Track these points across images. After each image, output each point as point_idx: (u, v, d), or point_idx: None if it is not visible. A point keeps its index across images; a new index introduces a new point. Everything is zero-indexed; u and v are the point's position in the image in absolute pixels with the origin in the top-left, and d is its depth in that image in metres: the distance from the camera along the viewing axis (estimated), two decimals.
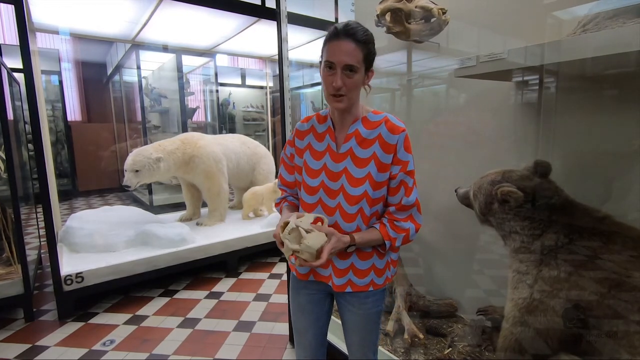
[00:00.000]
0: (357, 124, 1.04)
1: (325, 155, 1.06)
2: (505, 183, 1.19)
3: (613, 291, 1.00)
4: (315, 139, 1.10)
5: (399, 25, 1.59)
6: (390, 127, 1.01)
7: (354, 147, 1.03)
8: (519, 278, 1.19)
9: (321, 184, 1.05)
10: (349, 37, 0.93)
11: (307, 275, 1.14)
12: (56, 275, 2.40)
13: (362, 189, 1.01)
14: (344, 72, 0.94)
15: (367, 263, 1.07)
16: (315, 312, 1.19)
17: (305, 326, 1.21)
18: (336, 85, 0.94)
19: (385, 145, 1.01)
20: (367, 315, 1.11)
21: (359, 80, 0.97)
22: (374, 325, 1.15)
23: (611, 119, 1.25)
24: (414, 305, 1.81)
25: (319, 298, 1.18)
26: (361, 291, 1.08)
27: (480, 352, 1.52)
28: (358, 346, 1.15)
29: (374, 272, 1.08)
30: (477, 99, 1.71)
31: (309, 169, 1.08)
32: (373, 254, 1.07)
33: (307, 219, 1.01)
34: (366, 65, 0.99)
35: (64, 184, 6.65)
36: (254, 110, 7.87)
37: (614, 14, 0.97)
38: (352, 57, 0.93)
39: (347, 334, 1.17)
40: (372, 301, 1.11)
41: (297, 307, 1.21)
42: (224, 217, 3.75)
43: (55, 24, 3.60)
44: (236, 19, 3.49)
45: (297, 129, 1.15)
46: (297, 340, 1.24)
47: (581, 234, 1.09)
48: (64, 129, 6.71)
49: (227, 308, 2.61)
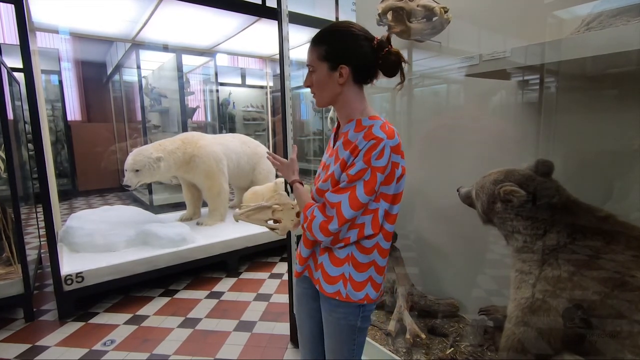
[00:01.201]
0: (350, 125, 1.04)
1: (330, 149, 1.13)
2: (507, 182, 1.19)
3: (616, 291, 1.00)
4: (333, 135, 1.18)
5: (401, 24, 1.58)
6: (367, 134, 0.95)
7: (339, 146, 1.04)
8: (522, 278, 1.18)
9: (318, 175, 1.12)
10: (311, 41, 1.03)
11: (301, 273, 1.18)
12: (56, 275, 2.39)
13: (327, 185, 1.02)
14: (310, 72, 1.04)
15: (337, 270, 1.03)
16: (309, 306, 1.19)
17: (302, 318, 1.23)
18: (305, 85, 1.06)
19: (354, 149, 0.96)
20: (336, 324, 1.08)
21: (320, 79, 1.01)
22: (346, 338, 1.08)
23: (613, 118, 1.24)
24: (415, 305, 1.80)
25: (312, 293, 1.18)
26: (330, 297, 1.06)
27: (482, 352, 1.52)
28: (329, 351, 1.14)
29: (348, 282, 1.03)
30: (479, 98, 1.71)
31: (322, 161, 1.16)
32: (345, 262, 1.02)
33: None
34: (330, 62, 0.98)
35: (64, 183, 6.64)
36: (254, 110, 7.86)
37: (618, 12, 0.96)
38: (308, 58, 1.03)
39: (324, 337, 1.16)
40: (343, 312, 1.06)
41: (295, 299, 1.26)
42: (225, 216, 3.75)
43: (55, 23, 3.60)
44: (236, 18, 3.48)
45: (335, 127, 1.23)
46: (299, 335, 1.27)
47: (584, 234, 1.09)
48: (64, 129, 6.71)
49: (228, 308, 2.61)
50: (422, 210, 1.95)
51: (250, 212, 1.30)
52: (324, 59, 0.99)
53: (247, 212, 1.30)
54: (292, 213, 1.29)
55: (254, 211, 1.30)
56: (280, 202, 1.30)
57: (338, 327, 1.08)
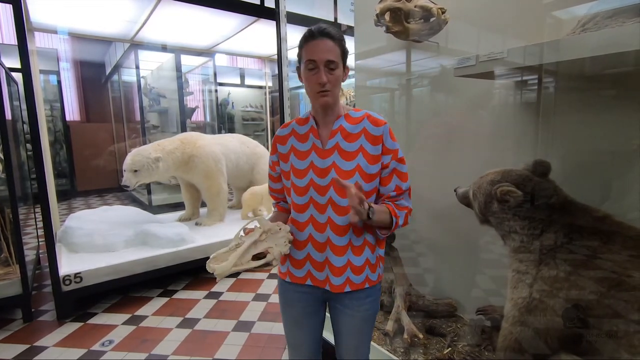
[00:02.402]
0: (341, 120, 1.07)
1: (310, 153, 1.07)
2: (504, 182, 1.19)
3: (613, 291, 1.00)
4: (297, 140, 1.10)
5: (398, 24, 1.59)
6: (372, 120, 1.05)
7: (340, 141, 1.05)
8: (519, 278, 1.19)
9: (310, 182, 1.05)
10: (324, 36, 0.98)
11: (304, 279, 1.10)
12: (54, 275, 2.39)
13: (353, 181, 1.01)
14: (326, 68, 0.99)
15: (362, 258, 1.07)
16: (311, 324, 1.17)
17: (300, 341, 1.18)
18: (322, 81, 0.98)
19: (371, 138, 1.04)
20: (364, 317, 1.10)
21: (340, 75, 1.02)
22: (370, 328, 1.14)
23: (611, 118, 1.24)
24: (413, 305, 1.80)
25: (313, 310, 1.15)
26: (359, 289, 1.08)
27: (480, 351, 1.52)
28: (353, 350, 1.13)
29: (369, 267, 1.09)
30: (476, 98, 1.71)
31: (296, 170, 1.08)
32: (365, 247, 1.07)
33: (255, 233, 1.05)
34: (343, 61, 1.03)
35: (62, 183, 6.63)
36: (253, 110, 7.86)
37: (614, 13, 0.96)
38: (332, 53, 0.99)
39: (342, 338, 1.15)
40: (371, 301, 1.10)
41: (292, 321, 1.17)
42: (223, 217, 3.75)
43: (53, 23, 3.59)
44: (235, 18, 3.48)
45: (277, 135, 1.16)
46: (292, 354, 1.21)
47: (581, 234, 1.09)
48: (63, 129, 6.70)
49: (226, 308, 2.61)
50: (420, 210, 1.95)
51: (232, 260, 0.99)
52: (341, 58, 1.02)
53: (233, 261, 0.99)
54: (281, 235, 1.06)
55: (235, 255, 1.00)
56: (265, 230, 1.05)
57: (365, 319, 1.11)
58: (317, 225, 1.06)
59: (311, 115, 1.10)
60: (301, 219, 1.08)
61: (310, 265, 1.09)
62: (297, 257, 1.10)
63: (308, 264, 1.09)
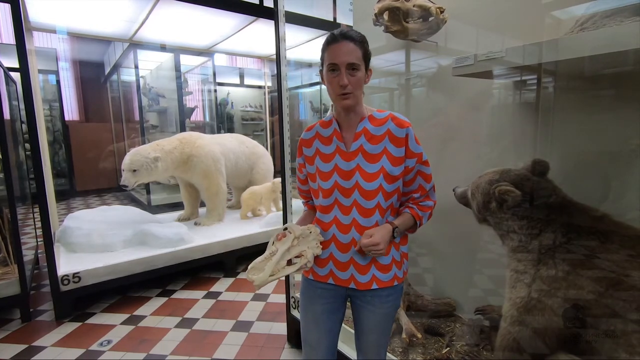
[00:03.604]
0: (365, 122, 1.07)
1: (335, 156, 1.09)
2: (502, 182, 1.19)
3: (611, 290, 1.00)
4: (322, 143, 1.12)
5: (397, 24, 1.59)
6: (397, 122, 1.05)
7: (364, 144, 1.05)
8: (517, 277, 1.19)
9: (335, 185, 1.07)
10: (346, 39, 0.99)
11: (326, 277, 1.11)
12: (53, 275, 2.39)
13: (377, 183, 1.03)
14: (347, 71, 0.99)
15: (388, 258, 1.08)
16: (330, 322, 1.17)
17: (317, 338, 1.17)
18: (343, 84, 0.99)
19: (395, 140, 1.04)
20: (386, 314, 1.11)
21: (362, 77, 1.02)
22: (390, 322, 1.15)
23: (609, 118, 1.25)
24: (412, 305, 1.80)
25: (335, 307, 1.16)
26: (386, 287, 1.09)
27: (479, 351, 1.52)
28: (373, 347, 1.14)
29: (395, 265, 1.10)
30: (475, 98, 1.71)
31: (321, 172, 1.10)
32: (391, 247, 1.08)
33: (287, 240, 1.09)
34: (365, 64, 1.03)
35: (61, 183, 6.63)
36: (252, 110, 7.86)
37: (612, 13, 0.96)
38: (353, 55, 0.99)
39: (363, 335, 1.16)
40: (394, 298, 1.12)
41: (311, 318, 1.18)
42: (222, 216, 3.75)
43: (52, 23, 3.58)
44: (234, 18, 3.48)
45: (302, 138, 1.18)
46: (307, 354, 1.20)
47: (579, 233, 1.09)
48: (62, 129, 6.69)
49: (225, 308, 2.60)
50: None
51: (272, 269, 1.05)
52: (363, 60, 1.02)
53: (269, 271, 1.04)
54: (313, 236, 1.10)
55: (271, 264, 1.05)
56: (297, 236, 1.09)
57: (386, 316, 1.12)
58: (341, 226, 1.07)
59: (334, 118, 1.11)
60: (326, 220, 1.10)
61: (332, 265, 1.10)
62: (321, 256, 1.13)
63: (331, 263, 1.10)
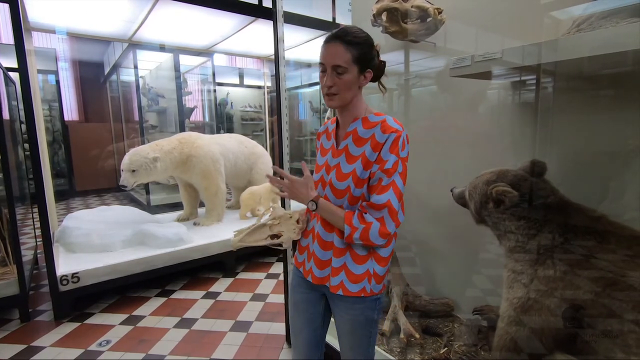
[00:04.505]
0: (357, 123, 1.08)
1: (329, 152, 1.13)
2: (500, 182, 1.19)
3: (607, 290, 1.00)
4: (325, 137, 1.18)
5: (395, 24, 1.59)
6: (384, 127, 1.02)
7: (349, 144, 1.07)
8: (514, 277, 1.19)
9: (321, 179, 1.12)
10: (337, 40, 0.99)
11: (306, 274, 1.16)
12: (52, 275, 2.39)
13: (346, 184, 1.04)
14: (333, 72, 1.00)
15: (362, 267, 1.05)
16: (309, 312, 1.19)
17: (299, 325, 1.21)
18: (326, 84, 1.01)
19: (375, 144, 1.02)
20: (355, 321, 1.10)
21: (350, 80, 1.01)
22: (364, 332, 1.11)
23: (607, 118, 1.25)
24: (410, 305, 1.81)
25: (313, 298, 1.19)
26: (352, 296, 1.07)
27: (476, 351, 1.52)
28: (349, 349, 1.15)
29: (372, 278, 1.06)
30: (473, 98, 1.71)
31: (316, 165, 1.17)
32: (370, 258, 1.05)
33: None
34: (360, 66, 1.02)
35: (61, 183, 6.63)
36: (252, 110, 7.86)
37: (608, 14, 0.97)
38: (339, 58, 0.98)
39: (339, 337, 1.17)
40: (361, 308, 1.08)
41: (293, 305, 1.23)
42: (222, 216, 3.75)
43: (52, 23, 3.59)
44: (233, 18, 3.48)
45: (318, 131, 1.23)
46: (294, 342, 1.25)
47: (576, 234, 1.10)
48: (61, 129, 6.69)
49: (224, 308, 2.61)
50: (417, 210, 1.95)
51: (245, 235, 1.28)
52: (357, 62, 1.01)
53: (242, 236, 1.28)
54: (292, 222, 1.23)
55: (250, 233, 1.28)
56: (277, 216, 1.26)
57: (356, 323, 1.10)
58: (323, 222, 1.10)
59: (337, 116, 1.15)
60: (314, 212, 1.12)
61: (313, 263, 1.13)
62: (302, 244, 1.18)
63: (312, 260, 1.13)
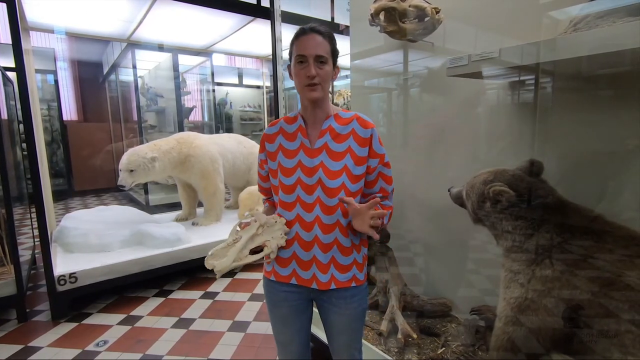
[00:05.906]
0: (330, 120, 1.08)
1: (299, 152, 1.07)
2: (497, 182, 1.19)
3: (605, 290, 1.00)
4: (285, 139, 1.11)
5: (393, 24, 1.59)
6: (362, 123, 1.07)
7: (328, 142, 1.06)
8: (512, 277, 1.19)
9: (297, 181, 1.06)
10: (315, 32, 1.01)
11: (289, 277, 1.10)
12: (49, 275, 2.38)
13: (340, 181, 1.04)
14: (315, 63, 1.00)
15: (349, 258, 1.08)
16: (299, 322, 1.16)
17: (289, 338, 1.17)
18: (310, 74, 0.99)
19: (359, 140, 1.06)
20: (353, 314, 1.11)
21: (329, 72, 1.03)
22: (360, 324, 1.15)
23: (605, 118, 1.25)
24: (408, 305, 1.80)
25: (301, 308, 1.15)
26: (344, 287, 1.08)
27: (474, 351, 1.52)
28: (345, 347, 1.14)
29: (356, 267, 1.11)
30: (471, 98, 1.71)
31: (283, 168, 1.09)
32: (353, 248, 1.09)
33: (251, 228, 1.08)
34: (334, 59, 1.05)
35: (59, 183, 6.62)
36: (251, 110, 7.86)
37: (605, 14, 0.97)
38: (322, 48, 1.00)
39: (333, 337, 1.16)
40: (358, 299, 1.11)
41: (279, 320, 1.16)
42: (220, 216, 3.74)
43: (50, 22, 3.58)
44: (232, 18, 3.48)
45: (265, 133, 1.16)
46: (281, 351, 1.21)
47: (573, 234, 1.09)
48: (60, 129, 6.68)
49: (222, 308, 2.60)
50: (415, 210, 1.95)
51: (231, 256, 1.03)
52: (331, 56, 1.04)
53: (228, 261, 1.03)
54: (278, 226, 1.07)
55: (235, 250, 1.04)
56: (262, 224, 1.06)
57: (354, 316, 1.11)
58: (304, 224, 1.06)
59: (299, 115, 1.11)
60: (288, 217, 1.08)
61: (296, 265, 1.09)
62: (283, 256, 1.10)
63: (294, 262, 1.09)
